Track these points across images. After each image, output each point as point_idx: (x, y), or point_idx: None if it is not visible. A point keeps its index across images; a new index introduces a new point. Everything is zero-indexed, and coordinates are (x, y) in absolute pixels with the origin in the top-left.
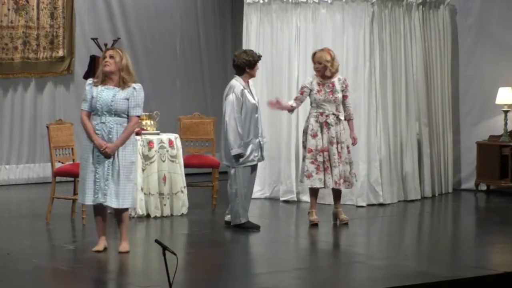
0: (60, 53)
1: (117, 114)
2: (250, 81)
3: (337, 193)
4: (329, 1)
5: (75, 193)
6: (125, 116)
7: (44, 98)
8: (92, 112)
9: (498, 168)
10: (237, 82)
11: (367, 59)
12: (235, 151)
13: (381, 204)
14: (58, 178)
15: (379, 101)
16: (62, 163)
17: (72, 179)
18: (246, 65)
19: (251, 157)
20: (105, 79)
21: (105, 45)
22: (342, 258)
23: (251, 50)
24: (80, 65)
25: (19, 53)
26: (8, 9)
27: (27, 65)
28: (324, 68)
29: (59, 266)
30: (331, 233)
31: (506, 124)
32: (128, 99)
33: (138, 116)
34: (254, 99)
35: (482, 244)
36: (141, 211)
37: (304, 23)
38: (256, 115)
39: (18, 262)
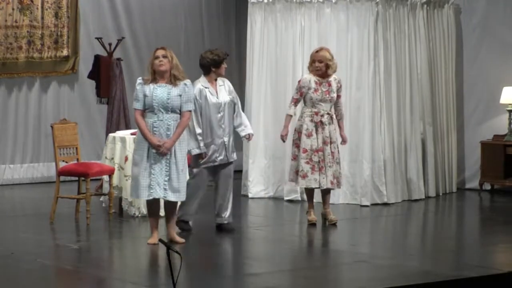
0: (65, 52)
1: (173, 110)
2: (221, 80)
3: (326, 194)
4: (333, 1)
5: (79, 193)
6: (179, 112)
7: (49, 97)
8: (146, 110)
9: (502, 167)
10: (198, 82)
11: (371, 59)
12: (193, 151)
13: (385, 204)
14: (62, 178)
15: (383, 101)
16: (66, 162)
17: (76, 178)
18: (211, 64)
19: (212, 157)
20: (155, 78)
21: (109, 44)
22: (346, 257)
23: (217, 49)
24: (85, 64)
25: (24, 52)
26: (13, 9)
27: (31, 64)
28: (325, 67)
29: (63, 266)
30: (335, 232)
31: (510, 123)
32: (180, 95)
33: (190, 111)
34: (218, 98)
35: (486, 244)
36: (145, 210)
37: (309, 22)
38: (219, 115)
39: (22, 261)
